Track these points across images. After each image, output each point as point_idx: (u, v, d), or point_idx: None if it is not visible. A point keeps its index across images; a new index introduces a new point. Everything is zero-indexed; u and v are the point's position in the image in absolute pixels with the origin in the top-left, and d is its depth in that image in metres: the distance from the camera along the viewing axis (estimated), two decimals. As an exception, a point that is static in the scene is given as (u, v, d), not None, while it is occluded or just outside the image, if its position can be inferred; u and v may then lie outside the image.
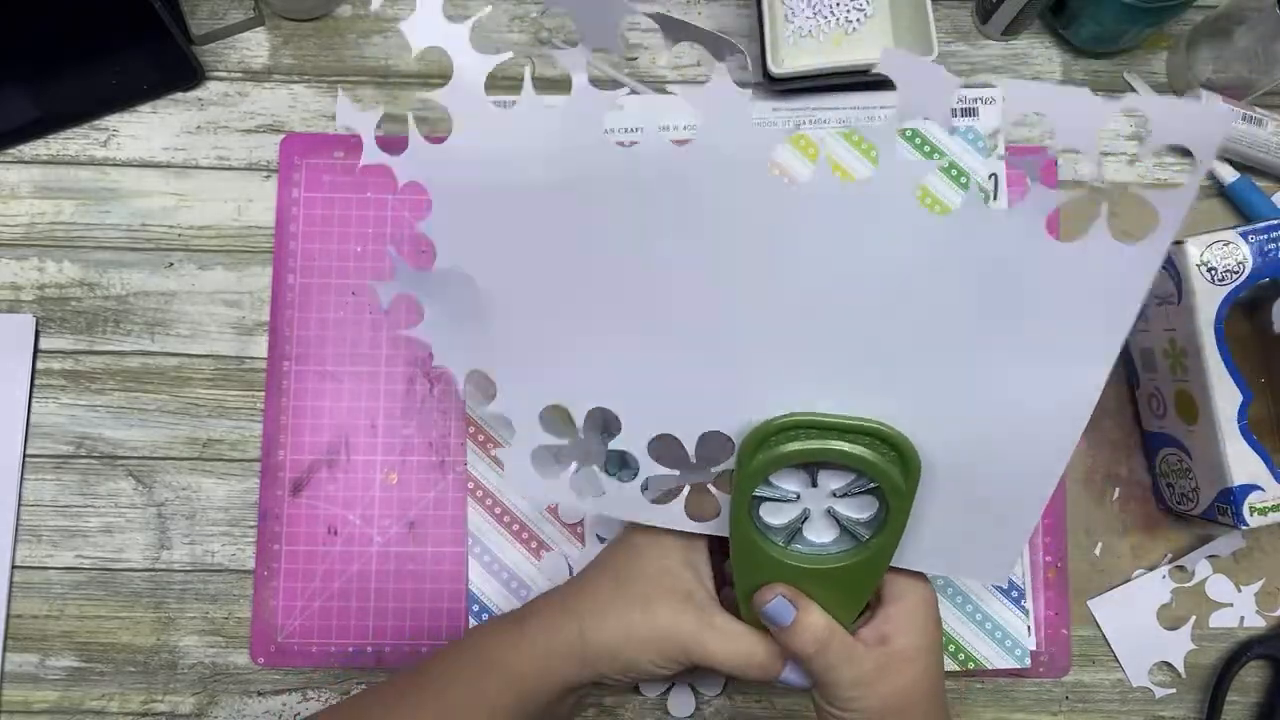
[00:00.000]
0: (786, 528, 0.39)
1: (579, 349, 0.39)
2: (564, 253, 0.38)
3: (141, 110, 0.56)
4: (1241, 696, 0.54)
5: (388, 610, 0.52)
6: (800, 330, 0.37)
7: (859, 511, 0.39)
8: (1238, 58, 0.54)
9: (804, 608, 0.39)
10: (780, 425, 0.37)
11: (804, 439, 0.37)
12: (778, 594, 0.39)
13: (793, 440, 0.37)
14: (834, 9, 0.56)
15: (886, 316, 0.36)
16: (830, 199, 0.35)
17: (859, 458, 0.37)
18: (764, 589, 0.39)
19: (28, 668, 0.52)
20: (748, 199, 0.35)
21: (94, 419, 0.54)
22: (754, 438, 0.37)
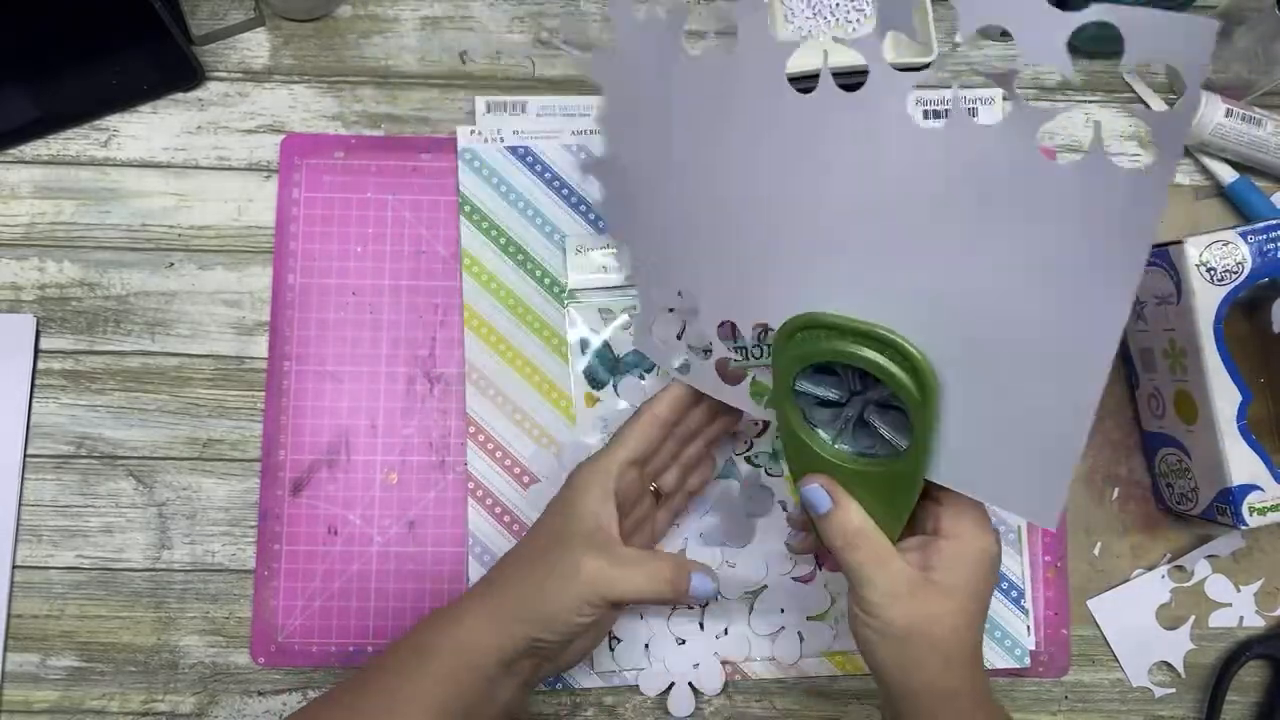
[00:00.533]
0: (833, 425, 0.41)
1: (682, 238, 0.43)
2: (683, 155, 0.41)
3: (142, 110, 0.56)
4: (1241, 696, 0.54)
5: (388, 610, 0.52)
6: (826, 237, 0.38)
7: (897, 422, 0.39)
8: (1238, 58, 0.54)
9: (842, 502, 0.40)
10: (804, 323, 0.39)
11: (825, 340, 0.39)
12: (816, 483, 0.40)
13: (817, 340, 0.39)
14: (834, 9, 0.56)
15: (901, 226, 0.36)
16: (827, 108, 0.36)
17: (872, 361, 0.37)
18: (806, 477, 0.41)
19: (28, 667, 0.52)
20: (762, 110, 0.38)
21: (94, 419, 0.54)
22: (784, 331, 0.40)
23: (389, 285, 0.55)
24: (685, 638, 0.53)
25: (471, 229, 0.55)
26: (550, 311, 0.54)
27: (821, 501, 0.40)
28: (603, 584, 0.41)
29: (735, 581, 0.53)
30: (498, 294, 0.54)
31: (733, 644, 0.53)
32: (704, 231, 0.42)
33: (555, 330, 0.54)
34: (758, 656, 0.53)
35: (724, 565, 0.53)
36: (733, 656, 0.53)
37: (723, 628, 0.52)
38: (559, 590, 0.40)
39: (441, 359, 0.54)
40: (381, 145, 0.56)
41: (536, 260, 0.55)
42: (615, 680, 0.53)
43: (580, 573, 0.41)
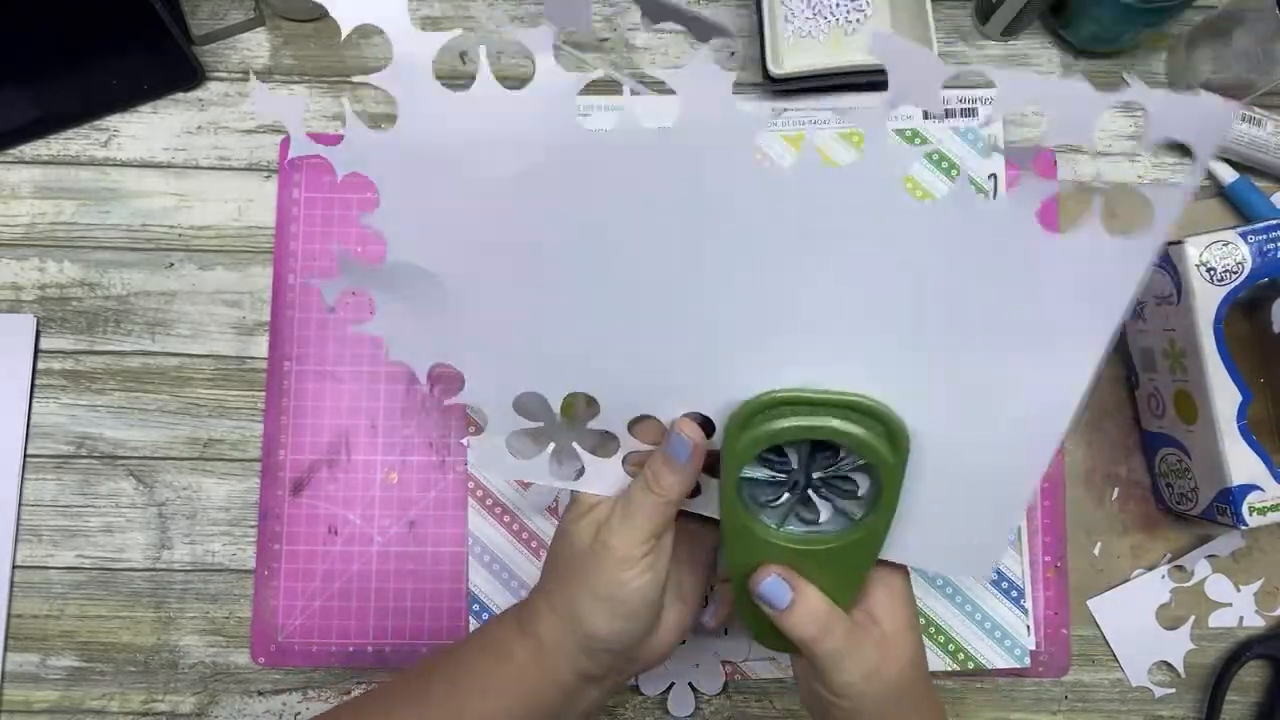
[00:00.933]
0: (779, 509, 0.39)
1: (550, 334, 0.38)
2: (529, 238, 0.36)
3: (142, 110, 0.56)
4: (1241, 696, 0.54)
5: (388, 610, 0.52)
6: (782, 313, 0.36)
7: (849, 492, 0.39)
8: (1237, 58, 0.54)
9: (802, 590, 0.38)
10: (765, 402, 0.37)
11: (790, 416, 0.37)
12: (773, 573, 0.38)
13: (779, 418, 0.37)
14: (834, 9, 0.56)
15: (871, 301, 0.36)
16: (813, 183, 0.34)
17: (846, 433, 0.36)
18: (760, 569, 0.39)
19: (28, 667, 0.52)
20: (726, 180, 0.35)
21: (94, 419, 0.54)
22: (739, 416, 0.37)
23: (389, 285, 0.55)
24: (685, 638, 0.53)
25: (471, 229, 0.55)
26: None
27: (783, 595, 0.38)
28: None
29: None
30: (497, 294, 0.54)
31: (733, 644, 0.53)
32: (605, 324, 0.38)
33: (555, 330, 0.54)
34: (757, 656, 0.53)
35: (724, 565, 0.53)
36: (733, 656, 0.53)
37: (723, 628, 0.52)
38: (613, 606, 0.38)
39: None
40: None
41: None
42: (615, 680, 0.52)
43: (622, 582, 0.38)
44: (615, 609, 0.38)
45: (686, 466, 0.37)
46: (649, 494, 0.38)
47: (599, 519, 0.39)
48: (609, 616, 0.38)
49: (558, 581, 0.39)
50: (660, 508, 0.37)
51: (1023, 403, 0.36)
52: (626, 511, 0.38)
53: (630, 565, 0.37)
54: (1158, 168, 0.57)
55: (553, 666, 0.38)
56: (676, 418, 0.38)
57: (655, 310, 0.37)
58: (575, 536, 0.39)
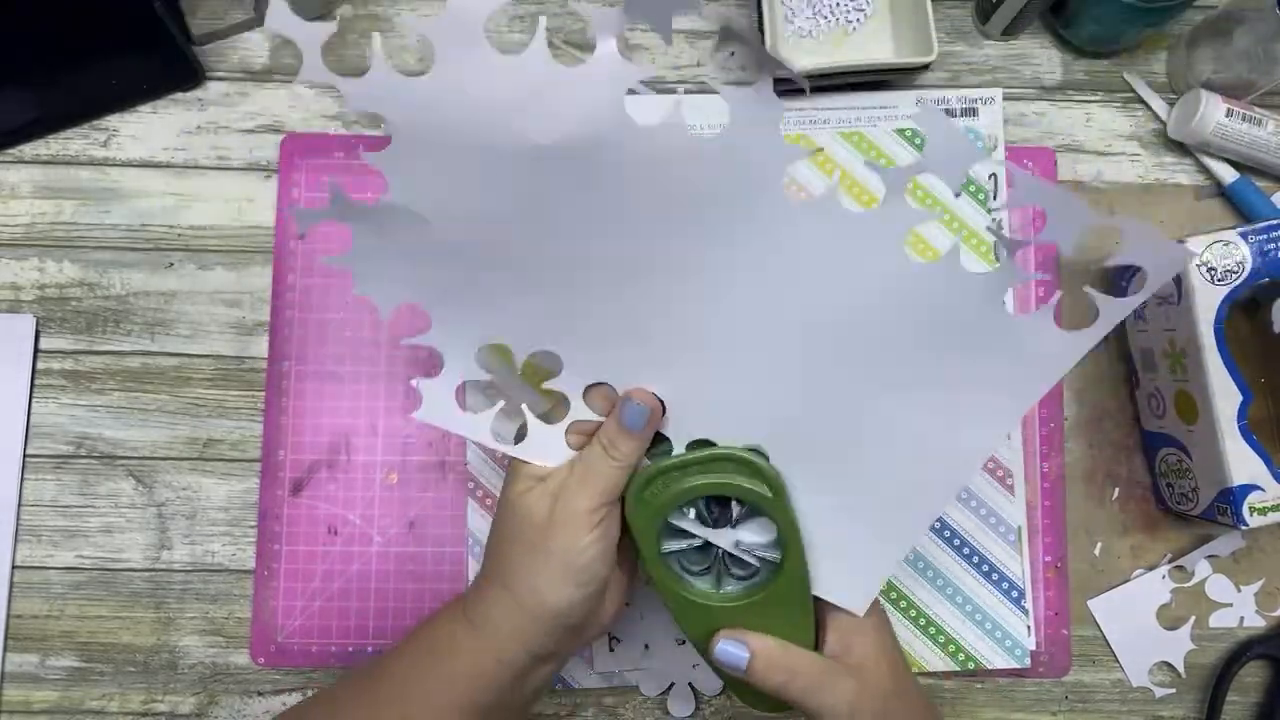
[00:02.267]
0: (709, 574, 0.41)
1: (529, 295, 0.39)
2: (535, 208, 0.37)
3: (142, 110, 0.56)
4: (1241, 696, 0.54)
5: (388, 610, 0.52)
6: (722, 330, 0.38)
7: (762, 535, 0.40)
8: (1238, 58, 0.54)
9: (755, 644, 0.39)
10: (645, 477, 0.39)
11: (674, 482, 0.39)
12: (721, 639, 0.39)
13: (666, 487, 0.39)
14: (834, 9, 0.56)
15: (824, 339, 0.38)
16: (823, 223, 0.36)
17: (722, 484, 0.39)
18: (713, 639, 0.40)
19: (28, 668, 0.52)
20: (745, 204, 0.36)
21: (94, 419, 0.54)
22: (633, 494, 0.39)
23: (389, 285, 0.55)
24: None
25: (471, 229, 0.55)
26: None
27: (739, 655, 0.39)
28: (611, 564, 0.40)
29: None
30: (497, 294, 0.54)
31: (733, 644, 0.53)
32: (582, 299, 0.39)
33: (555, 330, 0.54)
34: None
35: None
36: (733, 657, 0.53)
37: None
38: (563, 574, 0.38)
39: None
40: (382, 145, 0.56)
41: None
42: (615, 680, 0.53)
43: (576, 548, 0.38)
44: (576, 577, 0.38)
45: (642, 433, 0.39)
46: (606, 459, 0.38)
47: (552, 489, 0.39)
48: (570, 585, 0.38)
49: (507, 560, 0.39)
50: (617, 473, 0.39)
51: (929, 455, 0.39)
52: (584, 478, 0.38)
53: (587, 530, 0.38)
54: (1158, 167, 0.57)
55: (503, 650, 0.39)
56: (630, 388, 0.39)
57: (636, 295, 0.38)
58: (528, 508, 0.39)
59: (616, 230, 0.37)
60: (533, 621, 0.38)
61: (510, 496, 0.40)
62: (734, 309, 0.38)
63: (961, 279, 0.36)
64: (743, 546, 0.40)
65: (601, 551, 0.38)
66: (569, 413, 0.40)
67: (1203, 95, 0.54)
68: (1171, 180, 0.57)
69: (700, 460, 0.39)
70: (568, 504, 0.38)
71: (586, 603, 0.39)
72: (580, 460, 0.39)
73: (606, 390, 0.40)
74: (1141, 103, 0.58)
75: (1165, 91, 0.58)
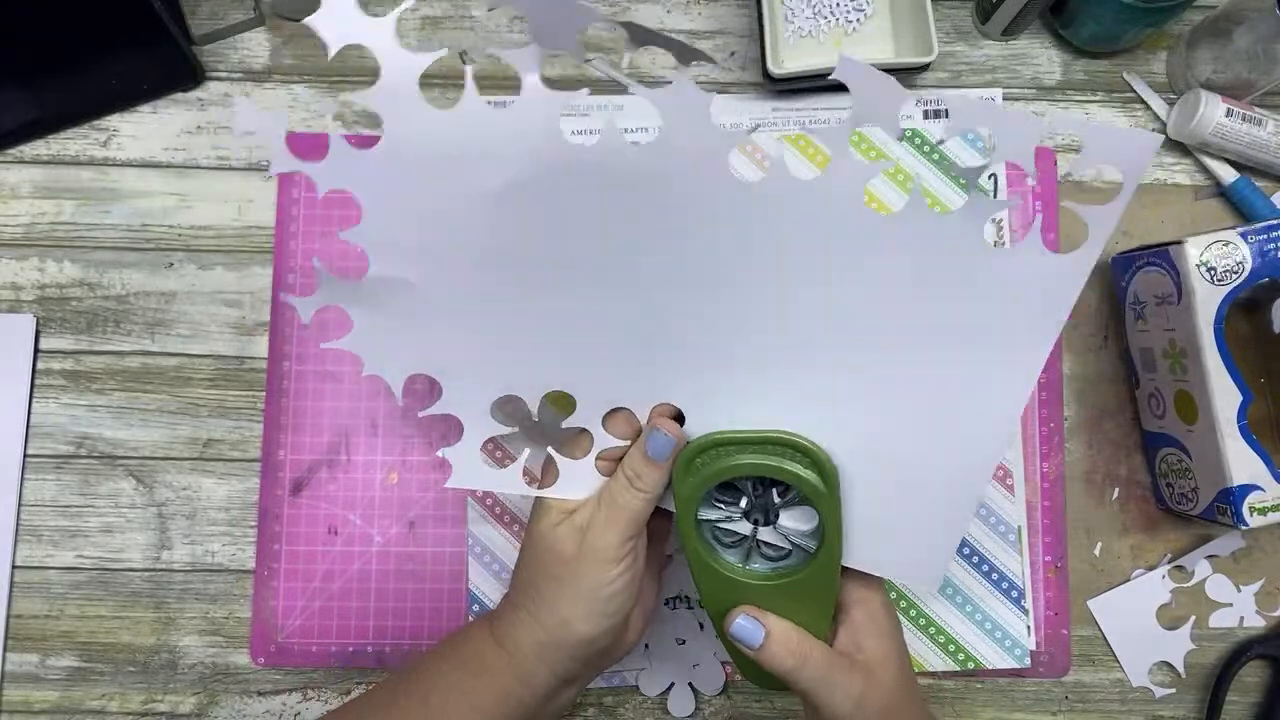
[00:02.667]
0: (740, 548, 0.41)
1: (529, 337, 0.39)
2: (510, 247, 0.38)
3: (142, 110, 0.56)
4: (1241, 696, 0.54)
5: (388, 610, 0.52)
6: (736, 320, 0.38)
7: (802, 523, 0.40)
8: (1238, 58, 0.54)
9: (774, 625, 0.39)
10: (699, 446, 0.39)
11: (732, 456, 0.39)
12: (742, 614, 0.40)
13: (721, 459, 0.39)
14: (834, 9, 0.56)
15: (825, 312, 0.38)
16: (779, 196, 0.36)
17: (774, 468, 0.38)
18: (730, 612, 0.40)
19: (28, 667, 0.52)
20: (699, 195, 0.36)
21: (94, 419, 0.54)
22: (682, 460, 0.39)
23: (389, 285, 0.55)
24: (685, 638, 0.53)
25: (471, 229, 0.55)
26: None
27: (755, 633, 0.39)
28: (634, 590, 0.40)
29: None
30: (497, 294, 0.54)
31: (733, 644, 0.53)
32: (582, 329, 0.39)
33: (555, 330, 0.54)
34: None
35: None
36: (733, 656, 0.53)
37: None
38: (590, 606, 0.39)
39: (441, 359, 0.54)
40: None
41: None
42: (615, 680, 0.53)
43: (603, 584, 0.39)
44: (603, 609, 0.38)
45: (666, 464, 0.38)
46: (630, 491, 0.38)
47: (580, 524, 0.39)
48: (597, 617, 0.38)
49: (536, 590, 0.39)
50: (643, 504, 0.39)
51: (966, 414, 0.38)
52: (610, 512, 0.38)
53: (615, 564, 0.38)
54: (1158, 167, 0.57)
55: (530, 673, 0.39)
56: (651, 413, 0.39)
57: (629, 312, 0.39)
58: (555, 541, 0.39)
59: (591, 250, 0.37)
60: (559, 648, 0.39)
61: (540, 530, 0.40)
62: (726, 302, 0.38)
63: (934, 222, 0.36)
64: (779, 530, 0.40)
65: (628, 583, 0.39)
66: (594, 443, 0.40)
67: (1203, 95, 0.54)
68: (1171, 180, 0.57)
69: (757, 439, 0.39)
70: (595, 540, 0.38)
71: (613, 631, 0.39)
72: (606, 495, 0.39)
73: (626, 415, 0.40)
74: (1141, 103, 0.58)
75: (1165, 91, 0.58)
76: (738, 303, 0.38)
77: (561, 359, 0.39)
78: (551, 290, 0.38)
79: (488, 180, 0.36)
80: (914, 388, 0.38)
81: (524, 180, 0.36)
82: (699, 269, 0.38)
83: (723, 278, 0.38)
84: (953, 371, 0.38)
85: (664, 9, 0.58)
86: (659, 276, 0.38)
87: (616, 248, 0.37)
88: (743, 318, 0.38)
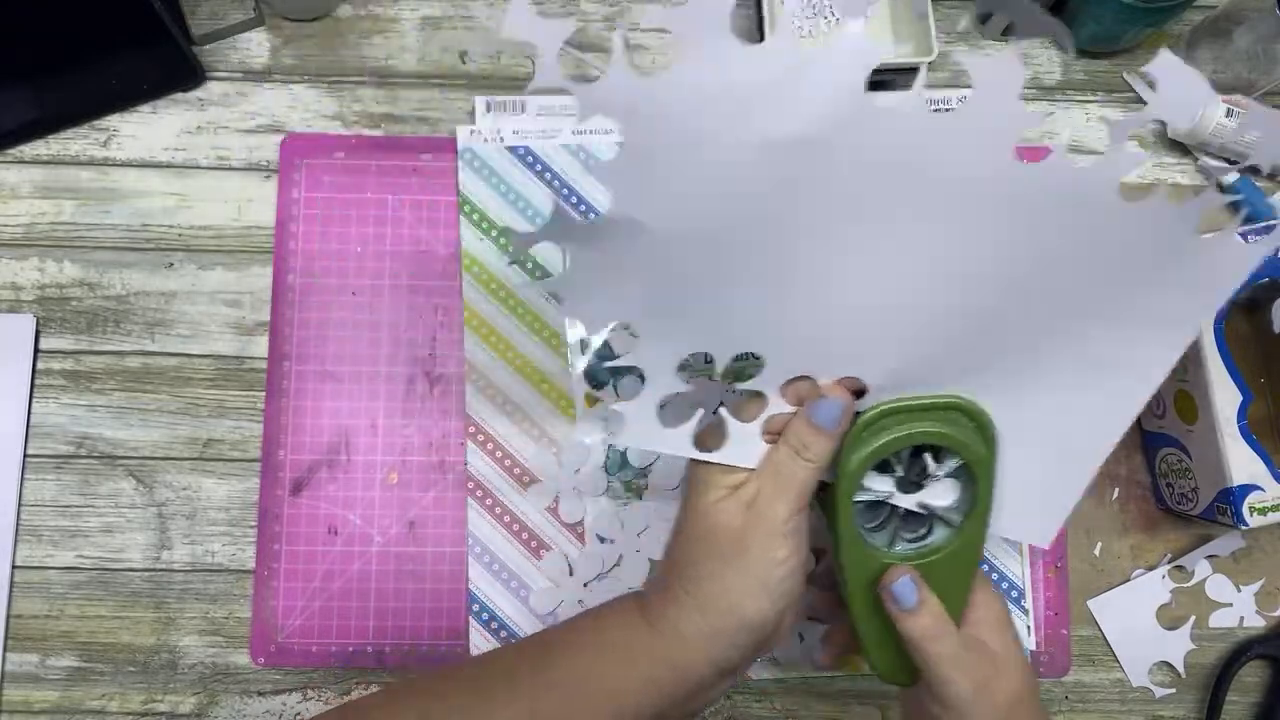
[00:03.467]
0: (886, 530, 0.40)
1: (735, 298, 0.37)
2: (752, 201, 0.35)
3: (142, 110, 0.56)
4: (1241, 696, 0.54)
5: (388, 610, 0.52)
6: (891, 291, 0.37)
7: (944, 499, 0.39)
8: (1238, 58, 0.54)
9: (926, 593, 0.38)
10: (870, 418, 0.38)
11: (894, 428, 0.38)
12: (905, 574, 0.38)
13: (883, 431, 0.38)
14: (834, 9, 0.56)
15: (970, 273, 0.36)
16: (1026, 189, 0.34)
17: (942, 434, 0.38)
18: (891, 570, 0.39)
19: (28, 667, 0.52)
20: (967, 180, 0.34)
21: (94, 419, 0.54)
22: (852, 435, 0.38)
23: (389, 285, 0.55)
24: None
25: (471, 229, 0.55)
26: (550, 311, 0.54)
27: (911, 595, 0.38)
28: None
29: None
30: (498, 294, 0.54)
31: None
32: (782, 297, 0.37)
33: (555, 330, 0.54)
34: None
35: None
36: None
37: None
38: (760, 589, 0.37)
39: (441, 359, 0.54)
40: (381, 145, 0.56)
41: (537, 260, 0.55)
42: (615, 680, 0.52)
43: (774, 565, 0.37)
44: (774, 589, 0.36)
45: (835, 431, 0.37)
46: (797, 461, 0.37)
47: (746, 498, 0.37)
48: (766, 599, 0.36)
49: (699, 570, 0.37)
50: (810, 475, 0.37)
51: (1107, 382, 0.38)
52: (778, 484, 0.37)
53: (784, 540, 0.36)
54: (1158, 167, 0.57)
55: (686, 662, 0.37)
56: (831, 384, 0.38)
57: (841, 280, 0.36)
58: (720, 515, 0.37)
59: (830, 216, 0.35)
60: (722, 634, 0.37)
61: (703, 505, 0.38)
62: (926, 271, 0.36)
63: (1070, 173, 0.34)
64: (922, 505, 0.39)
65: (797, 564, 0.37)
66: (766, 407, 0.38)
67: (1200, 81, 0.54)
68: (1171, 180, 0.57)
69: (926, 405, 0.38)
70: (764, 513, 0.36)
71: (778, 617, 0.37)
72: (770, 466, 0.37)
73: (810, 383, 0.38)
74: (1142, 103, 0.58)
75: (1165, 91, 0.58)
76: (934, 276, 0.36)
77: (766, 321, 0.37)
78: (775, 250, 0.36)
79: (770, 128, 0.33)
80: (1063, 353, 0.37)
81: (808, 135, 0.33)
82: (914, 246, 0.36)
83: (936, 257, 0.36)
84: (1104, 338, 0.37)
85: (664, 9, 0.58)
86: (892, 250, 0.36)
87: (853, 216, 0.35)
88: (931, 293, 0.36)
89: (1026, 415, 0.39)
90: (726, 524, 0.37)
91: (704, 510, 0.38)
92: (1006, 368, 0.38)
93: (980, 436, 0.38)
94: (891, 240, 0.35)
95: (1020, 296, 0.36)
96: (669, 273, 0.37)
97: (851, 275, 0.36)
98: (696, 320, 0.38)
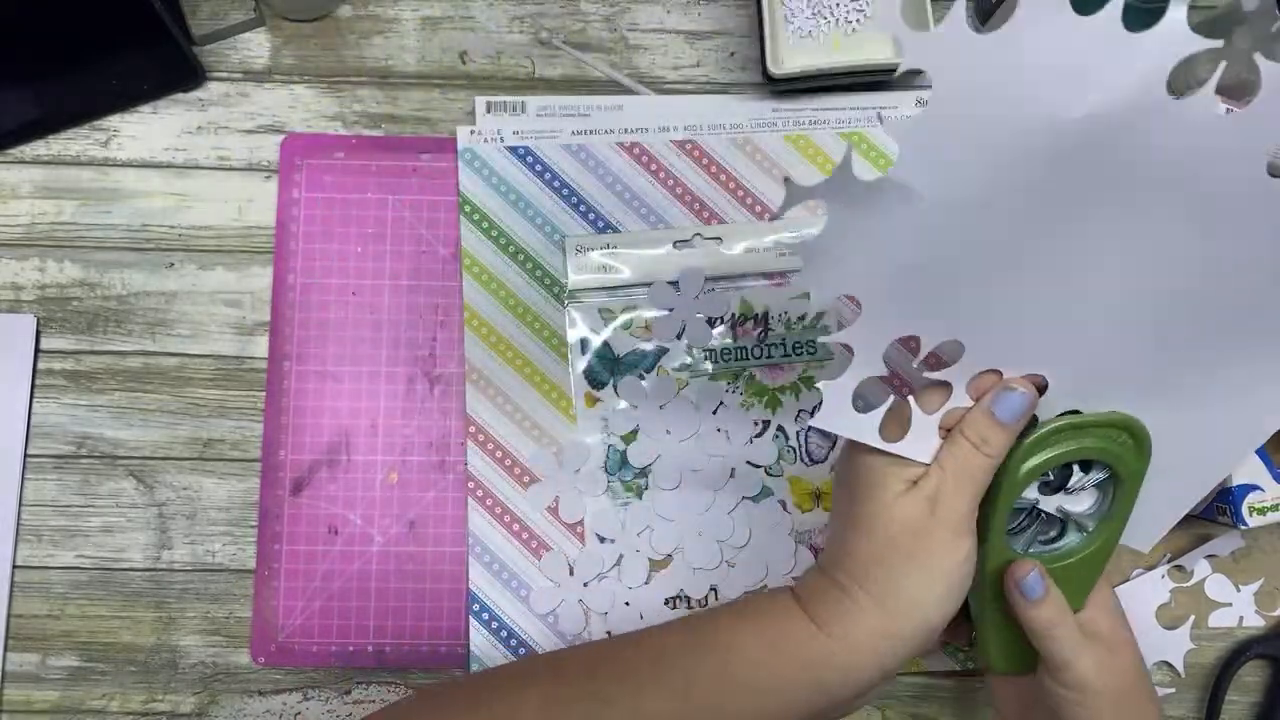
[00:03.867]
0: (1024, 534, 0.40)
1: (963, 288, 0.36)
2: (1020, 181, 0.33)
3: (142, 110, 0.56)
4: (1241, 696, 0.54)
5: (388, 610, 0.52)
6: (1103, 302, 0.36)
7: (1081, 505, 0.40)
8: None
9: (1052, 594, 0.39)
10: (1049, 431, 0.37)
11: (1062, 443, 0.38)
12: (1032, 567, 0.38)
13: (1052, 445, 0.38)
14: (834, 9, 0.56)
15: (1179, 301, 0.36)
16: None
17: (1105, 449, 0.38)
18: (1020, 563, 0.39)
19: (28, 667, 0.52)
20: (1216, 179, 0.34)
21: (95, 419, 0.54)
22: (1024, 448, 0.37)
23: (389, 285, 0.55)
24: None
25: (471, 229, 0.55)
26: (550, 311, 0.54)
27: (1039, 587, 0.38)
28: None
29: (735, 582, 0.53)
30: (498, 294, 0.54)
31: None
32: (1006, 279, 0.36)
33: (555, 330, 0.54)
34: None
35: (723, 565, 0.53)
36: (733, 656, 0.53)
37: None
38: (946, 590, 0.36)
39: (441, 359, 0.54)
40: (381, 145, 0.56)
41: (537, 260, 0.55)
42: (615, 680, 0.52)
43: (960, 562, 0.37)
44: (955, 590, 0.36)
45: (1015, 426, 0.36)
46: (978, 455, 0.36)
47: (928, 493, 0.36)
48: (948, 600, 0.36)
49: (882, 569, 0.36)
50: (988, 471, 0.36)
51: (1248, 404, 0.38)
52: (959, 479, 0.36)
53: (965, 538, 0.36)
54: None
55: (856, 665, 0.36)
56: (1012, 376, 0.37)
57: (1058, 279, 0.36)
58: (904, 511, 0.36)
59: (1075, 210, 0.34)
60: (897, 637, 0.36)
61: (884, 501, 0.36)
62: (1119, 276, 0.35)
63: None
64: (1061, 510, 0.40)
65: (973, 564, 0.37)
66: (948, 399, 0.37)
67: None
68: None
69: (1098, 423, 0.38)
70: (947, 509, 0.36)
71: (951, 615, 0.37)
72: (949, 460, 0.36)
73: (990, 377, 0.37)
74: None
75: (1165, 91, 0.58)
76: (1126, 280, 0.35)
77: (979, 310, 0.36)
78: (1023, 236, 0.35)
79: (1072, 104, 0.32)
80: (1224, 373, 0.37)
81: (1103, 115, 0.32)
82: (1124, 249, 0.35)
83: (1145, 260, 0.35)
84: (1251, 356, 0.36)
85: (664, 9, 0.58)
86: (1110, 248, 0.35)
87: (1093, 214, 0.34)
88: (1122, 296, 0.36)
89: (1168, 427, 0.38)
90: (912, 520, 0.36)
91: (885, 505, 0.36)
92: (1168, 380, 0.37)
93: (1137, 451, 0.38)
94: (1116, 239, 0.34)
95: (1213, 315, 0.36)
96: (918, 251, 0.35)
97: (1074, 270, 0.35)
98: (921, 303, 0.36)
